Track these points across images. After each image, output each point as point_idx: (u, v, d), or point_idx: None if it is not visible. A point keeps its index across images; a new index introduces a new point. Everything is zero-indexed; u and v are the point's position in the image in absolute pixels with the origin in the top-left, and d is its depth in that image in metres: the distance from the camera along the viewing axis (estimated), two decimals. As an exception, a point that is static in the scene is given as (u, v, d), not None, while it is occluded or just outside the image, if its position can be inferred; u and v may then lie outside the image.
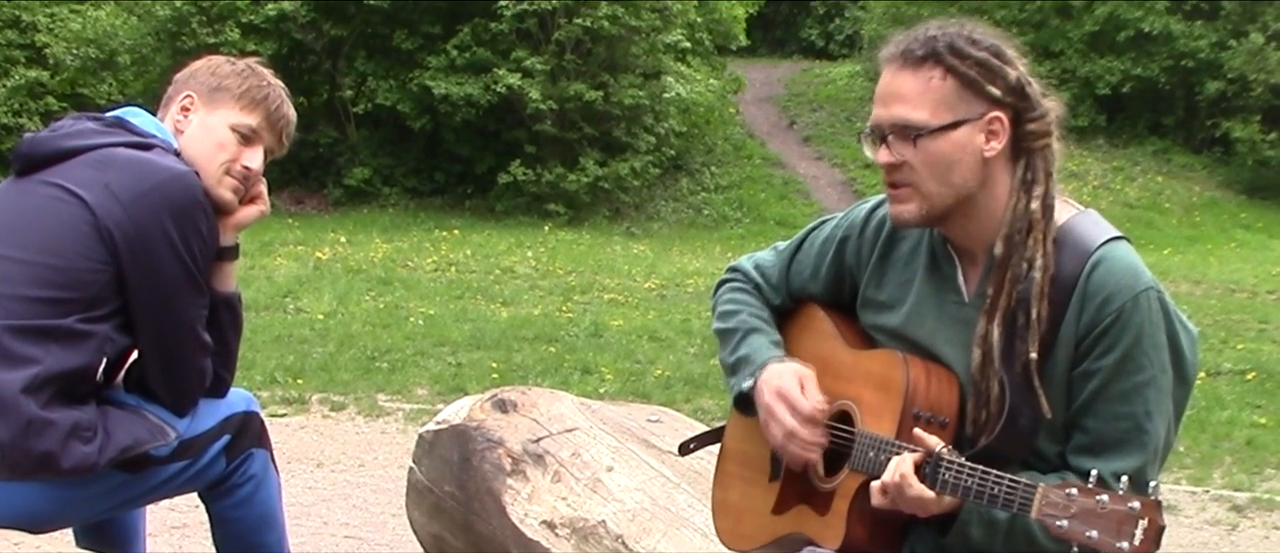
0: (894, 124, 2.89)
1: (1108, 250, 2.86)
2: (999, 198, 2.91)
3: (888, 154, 2.90)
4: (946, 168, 2.87)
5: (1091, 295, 2.82)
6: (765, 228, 24.74)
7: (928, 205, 2.90)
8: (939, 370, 2.98)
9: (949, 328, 2.99)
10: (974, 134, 2.86)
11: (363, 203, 24.58)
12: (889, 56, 2.92)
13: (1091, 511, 2.50)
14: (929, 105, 2.85)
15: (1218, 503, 7.82)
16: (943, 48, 2.86)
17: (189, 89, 3.67)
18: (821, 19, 39.86)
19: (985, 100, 2.86)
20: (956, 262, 3.02)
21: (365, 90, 25.44)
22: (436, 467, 4.59)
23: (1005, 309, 2.86)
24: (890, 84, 2.91)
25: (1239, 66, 28.47)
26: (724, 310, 3.40)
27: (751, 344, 3.27)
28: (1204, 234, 25.72)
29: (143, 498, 3.69)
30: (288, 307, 13.98)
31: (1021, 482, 2.62)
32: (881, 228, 3.17)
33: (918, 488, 2.76)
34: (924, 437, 2.82)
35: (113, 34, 24.26)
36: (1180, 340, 2.87)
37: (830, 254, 3.27)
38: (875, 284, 3.17)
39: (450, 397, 8.55)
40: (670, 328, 13.30)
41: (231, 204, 3.64)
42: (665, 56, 26.06)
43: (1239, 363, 11.98)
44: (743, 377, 3.23)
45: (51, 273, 3.32)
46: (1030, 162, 2.90)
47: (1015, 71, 2.88)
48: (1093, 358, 2.83)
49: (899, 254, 3.14)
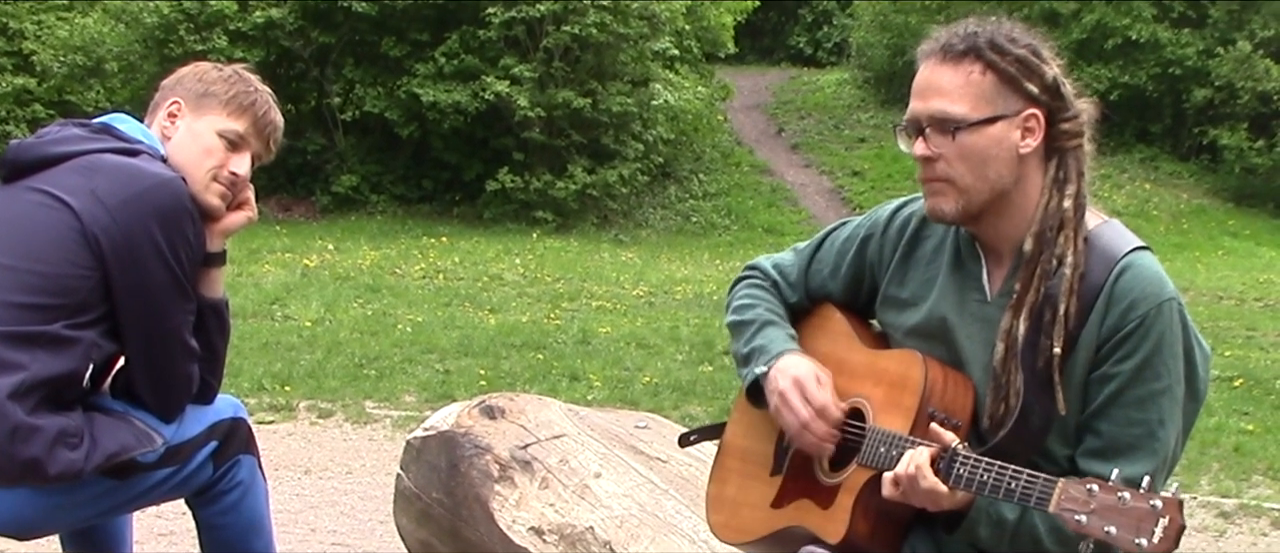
0: (932, 117, 2.90)
1: (1134, 258, 2.89)
2: (1031, 196, 2.93)
3: (925, 147, 2.92)
4: (982, 162, 2.89)
5: (1117, 300, 2.84)
6: (753, 235, 24.77)
7: (964, 200, 2.92)
8: (955, 374, 3.00)
9: (970, 325, 3.01)
10: (1010, 130, 2.89)
11: (351, 210, 24.56)
12: (928, 52, 2.95)
13: (1112, 507, 2.50)
14: (969, 99, 2.88)
15: (1205, 510, 7.82)
16: (983, 43, 2.89)
17: (176, 95, 3.67)
18: (809, 26, 39.91)
19: (1023, 97, 2.89)
20: (982, 259, 3.03)
21: (353, 97, 25.45)
22: (424, 474, 4.58)
23: (1032, 304, 2.87)
24: (930, 78, 2.93)
25: (1226, 74, 28.57)
26: (739, 304, 3.41)
27: (767, 335, 3.28)
28: (1191, 241, 25.78)
29: (129, 504, 3.69)
30: (275, 314, 13.96)
31: (1040, 476, 2.64)
32: (905, 227, 3.19)
33: (932, 480, 2.78)
34: (939, 432, 2.83)
35: (100, 41, 24.23)
36: (1195, 356, 2.89)
37: (851, 253, 3.29)
38: (897, 282, 3.18)
39: (438, 404, 8.53)
40: (658, 335, 13.29)
41: (218, 210, 3.63)
42: (653, 64, 26.10)
43: (1227, 370, 11.99)
44: (757, 364, 3.24)
45: (38, 279, 3.32)
46: (1062, 160, 2.93)
47: (1051, 70, 2.92)
48: (1112, 362, 2.84)
49: (922, 253, 3.15)
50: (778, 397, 3.14)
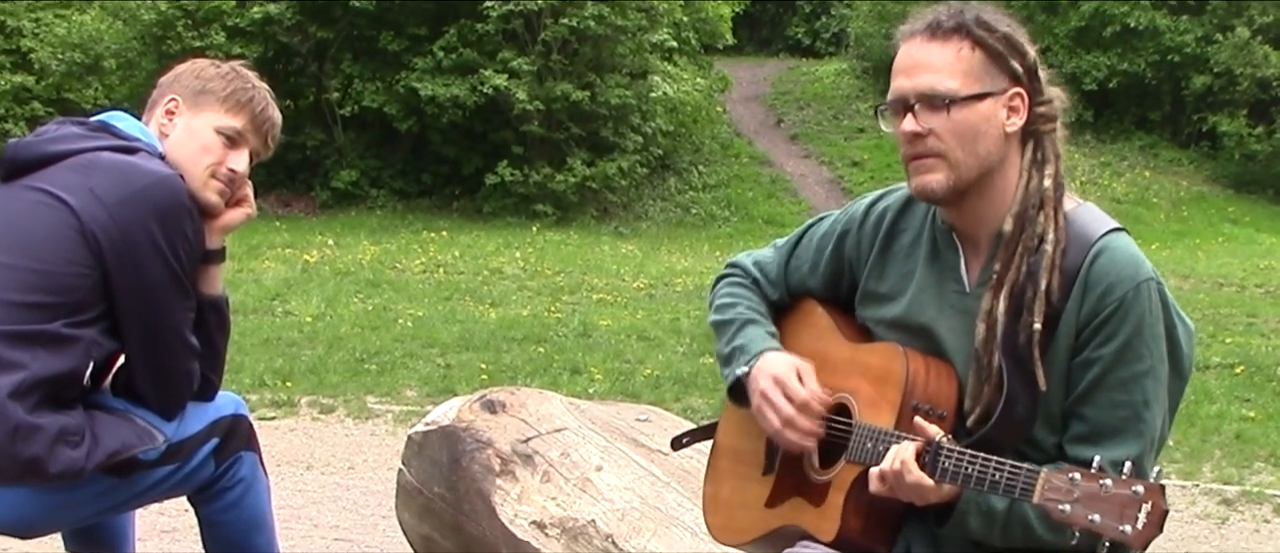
0: (922, 93, 2.90)
1: (1109, 240, 2.88)
2: (1010, 179, 2.93)
3: (914, 123, 2.91)
4: (974, 137, 2.89)
5: (1093, 284, 2.84)
6: (753, 226, 24.77)
7: (954, 175, 2.91)
8: (938, 364, 2.99)
9: (950, 316, 3.00)
10: (998, 107, 2.90)
11: (350, 205, 24.57)
12: (912, 31, 2.95)
13: (1094, 495, 2.50)
14: (960, 74, 2.88)
15: (1207, 497, 7.82)
16: (970, 21, 2.90)
17: (173, 92, 3.66)
18: (808, 17, 39.90)
19: (1008, 76, 2.90)
20: (960, 250, 3.03)
21: (352, 92, 25.41)
22: (426, 468, 4.58)
23: (1013, 283, 2.87)
24: (918, 54, 2.93)
25: (1225, 61, 28.56)
26: (721, 303, 3.40)
27: (747, 334, 3.27)
28: (1192, 229, 25.78)
29: (131, 502, 3.69)
30: (276, 309, 13.97)
31: (1023, 467, 2.63)
32: (882, 221, 3.18)
33: (917, 474, 2.77)
34: (924, 425, 2.82)
35: (98, 39, 24.21)
36: (1177, 334, 2.89)
37: (829, 248, 3.28)
38: (876, 276, 3.17)
39: (439, 398, 8.53)
40: (659, 327, 13.29)
41: (217, 207, 3.63)
42: (652, 56, 26.08)
43: (1228, 357, 11.99)
44: (737, 365, 3.23)
45: (37, 278, 3.32)
46: (1040, 142, 2.94)
47: (1031, 52, 2.94)
48: (1093, 347, 2.84)
49: (900, 246, 3.14)
50: (759, 396, 3.13)
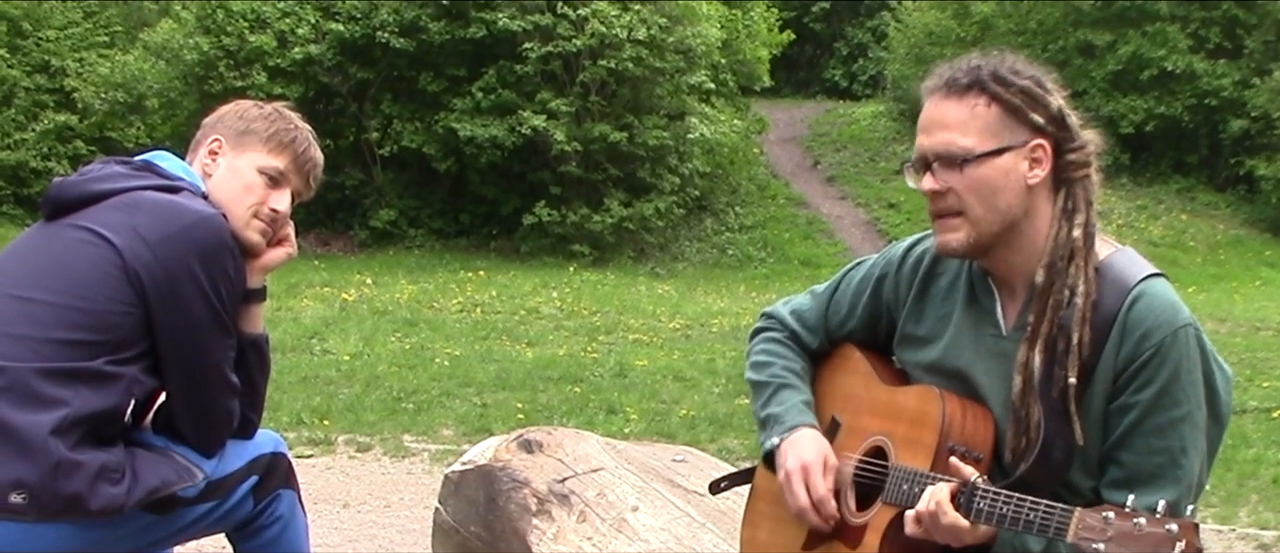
0: (939, 152, 2.91)
1: (1147, 286, 2.88)
2: (1040, 228, 2.93)
3: (933, 181, 2.92)
4: (992, 193, 2.89)
5: (1131, 330, 2.83)
6: (790, 268, 24.74)
7: (975, 233, 2.92)
8: (975, 407, 2.99)
9: (987, 360, 3.00)
10: (1018, 161, 2.89)
11: (388, 244, 24.66)
12: (932, 87, 2.96)
13: (1129, 533, 2.50)
14: (975, 132, 2.89)
15: (1244, 542, 7.78)
16: (986, 76, 2.90)
17: (217, 133, 3.70)
18: (845, 59, 39.96)
19: (1028, 128, 2.89)
20: (996, 294, 3.03)
21: (391, 132, 25.55)
22: (462, 507, 4.59)
23: (1047, 336, 2.87)
24: (935, 112, 2.94)
25: (1263, 105, 28.43)
26: (756, 361, 3.43)
27: (782, 401, 3.31)
28: (1229, 272, 25.60)
29: (170, 539, 3.70)
30: (314, 348, 14.02)
31: (1058, 506, 2.63)
32: (919, 264, 3.20)
33: (952, 516, 2.77)
34: (959, 466, 2.83)
35: (141, 78, 24.45)
36: (1216, 380, 2.88)
37: (867, 292, 3.30)
38: (914, 320, 3.19)
39: (476, 437, 8.56)
40: (695, 368, 13.29)
41: (259, 246, 3.66)
42: (689, 97, 26.15)
43: (1265, 401, 11.92)
44: (770, 434, 3.27)
45: (80, 316, 3.34)
46: (1071, 191, 2.93)
47: (1056, 101, 2.93)
48: (1130, 392, 2.83)
49: (937, 289, 3.16)
50: (784, 474, 3.19)
